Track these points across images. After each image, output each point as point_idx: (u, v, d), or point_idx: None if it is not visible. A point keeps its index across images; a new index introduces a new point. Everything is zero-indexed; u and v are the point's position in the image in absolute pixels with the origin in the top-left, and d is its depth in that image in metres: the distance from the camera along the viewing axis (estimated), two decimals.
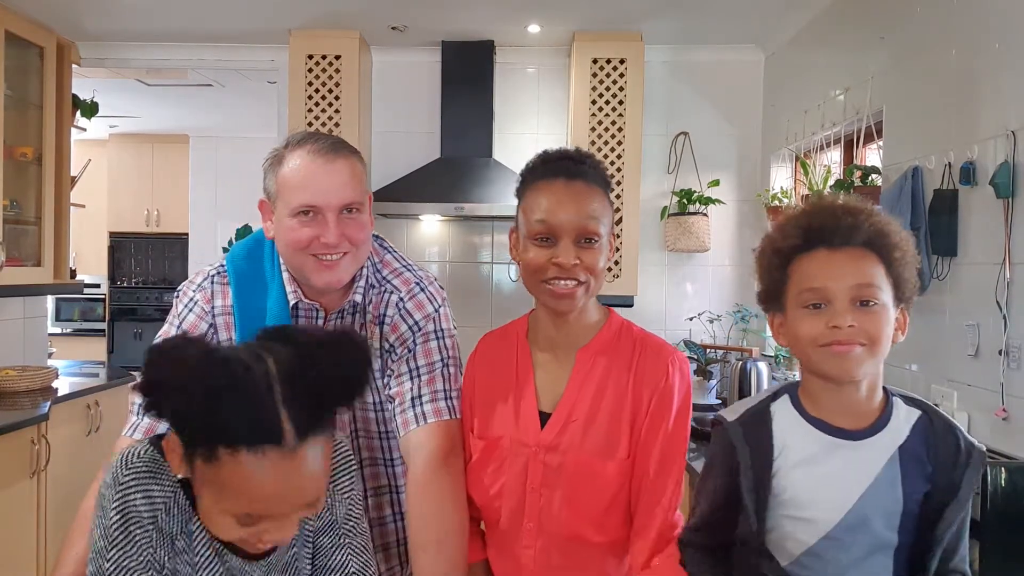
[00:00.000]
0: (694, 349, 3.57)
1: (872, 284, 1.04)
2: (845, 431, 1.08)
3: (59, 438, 3.25)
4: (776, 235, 1.13)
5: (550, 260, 1.25)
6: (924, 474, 1.07)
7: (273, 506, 0.99)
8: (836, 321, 1.03)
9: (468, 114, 3.85)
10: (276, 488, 0.97)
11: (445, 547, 1.29)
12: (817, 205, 1.12)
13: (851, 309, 1.03)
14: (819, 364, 1.07)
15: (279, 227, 1.37)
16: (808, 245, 1.08)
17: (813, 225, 1.08)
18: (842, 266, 1.05)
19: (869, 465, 1.06)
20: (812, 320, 1.05)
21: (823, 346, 1.04)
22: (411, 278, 1.47)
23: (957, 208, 2.22)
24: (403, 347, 1.42)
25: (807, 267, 1.08)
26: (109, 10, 3.50)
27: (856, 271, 1.05)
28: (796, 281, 1.09)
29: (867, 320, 1.03)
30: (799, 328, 1.07)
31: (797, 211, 1.13)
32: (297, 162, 1.34)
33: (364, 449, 1.48)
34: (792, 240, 1.09)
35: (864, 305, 1.04)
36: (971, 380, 2.17)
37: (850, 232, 1.06)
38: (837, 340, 1.03)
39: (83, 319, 6.67)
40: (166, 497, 1.05)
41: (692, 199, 3.79)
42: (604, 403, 1.29)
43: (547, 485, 1.28)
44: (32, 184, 3.61)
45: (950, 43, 2.31)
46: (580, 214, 1.23)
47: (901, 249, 1.07)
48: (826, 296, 1.05)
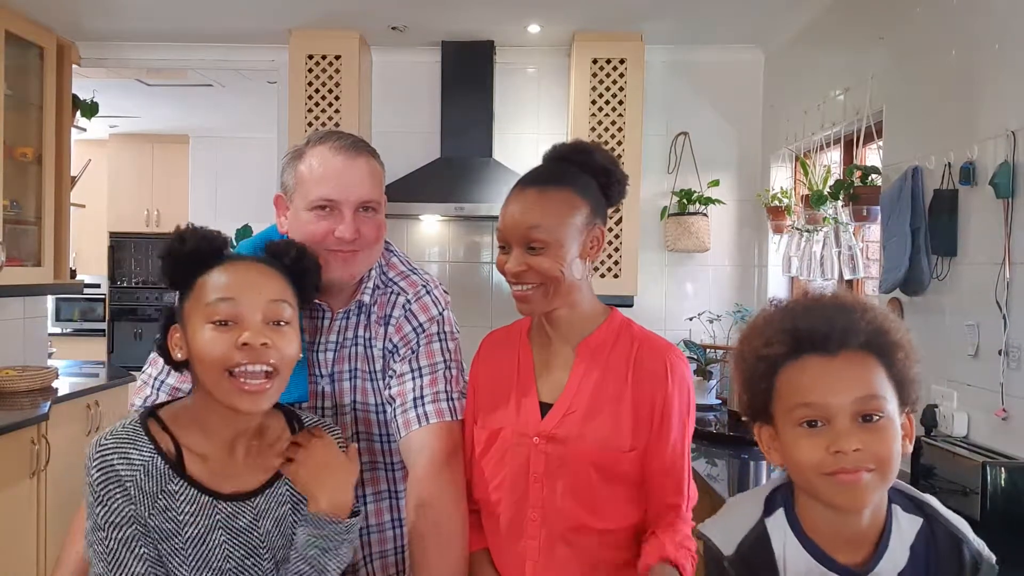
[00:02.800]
0: (694, 349, 3.57)
1: (876, 395, 0.90)
2: (843, 567, 0.95)
3: (59, 438, 3.25)
4: (757, 340, 0.97)
5: (505, 266, 1.31)
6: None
7: (242, 289, 1.15)
8: (840, 445, 0.89)
9: (468, 114, 3.85)
10: (239, 276, 1.16)
11: (446, 548, 1.29)
12: (804, 304, 0.97)
13: (855, 428, 0.89)
14: (823, 494, 0.92)
15: (295, 221, 1.38)
16: (797, 352, 0.93)
17: (801, 328, 0.93)
18: (841, 377, 0.91)
19: None
20: (811, 443, 0.91)
21: (827, 475, 0.90)
22: (417, 281, 1.48)
23: (957, 208, 2.22)
24: (406, 348, 1.43)
25: (799, 379, 0.92)
26: (109, 10, 3.50)
27: (858, 382, 0.90)
28: (786, 394, 0.93)
29: (874, 440, 0.89)
30: (797, 452, 0.92)
31: (779, 311, 0.98)
32: (318, 157, 1.36)
33: (364, 452, 1.48)
34: (778, 347, 0.94)
35: (868, 420, 0.90)
36: (971, 380, 2.17)
37: (846, 335, 0.92)
38: (843, 468, 0.89)
39: (83, 319, 6.67)
40: (144, 460, 1.14)
41: (692, 199, 3.80)
42: (605, 395, 1.31)
43: (549, 475, 1.30)
44: (32, 184, 3.61)
45: (950, 43, 2.31)
46: (521, 225, 1.28)
47: (904, 348, 0.94)
48: (825, 414, 0.90)
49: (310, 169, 1.36)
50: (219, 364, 1.13)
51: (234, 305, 1.14)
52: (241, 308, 1.14)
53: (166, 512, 1.14)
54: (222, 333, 1.13)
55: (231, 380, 1.13)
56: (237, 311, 1.14)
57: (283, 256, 1.24)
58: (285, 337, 1.17)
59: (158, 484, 1.14)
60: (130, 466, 1.14)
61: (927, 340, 2.38)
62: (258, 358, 1.13)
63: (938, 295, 2.32)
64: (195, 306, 1.16)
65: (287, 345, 1.17)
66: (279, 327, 1.17)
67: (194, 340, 1.15)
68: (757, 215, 3.81)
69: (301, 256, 1.26)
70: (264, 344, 1.13)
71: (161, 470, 1.15)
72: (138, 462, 1.14)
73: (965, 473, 1.93)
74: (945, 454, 2.04)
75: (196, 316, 1.16)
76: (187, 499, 1.15)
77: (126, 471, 1.13)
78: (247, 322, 1.14)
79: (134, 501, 1.13)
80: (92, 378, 4.01)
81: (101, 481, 1.12)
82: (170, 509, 1.15)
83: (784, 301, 1.00)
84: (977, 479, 1.87)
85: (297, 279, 1.24)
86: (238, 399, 1.14)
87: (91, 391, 3.65)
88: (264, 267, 1.21)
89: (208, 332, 1.14)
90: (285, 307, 1.18)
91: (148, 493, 1.14)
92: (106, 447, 1.14)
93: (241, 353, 1.12)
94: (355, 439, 1.47)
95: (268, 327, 1.15)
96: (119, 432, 1.17)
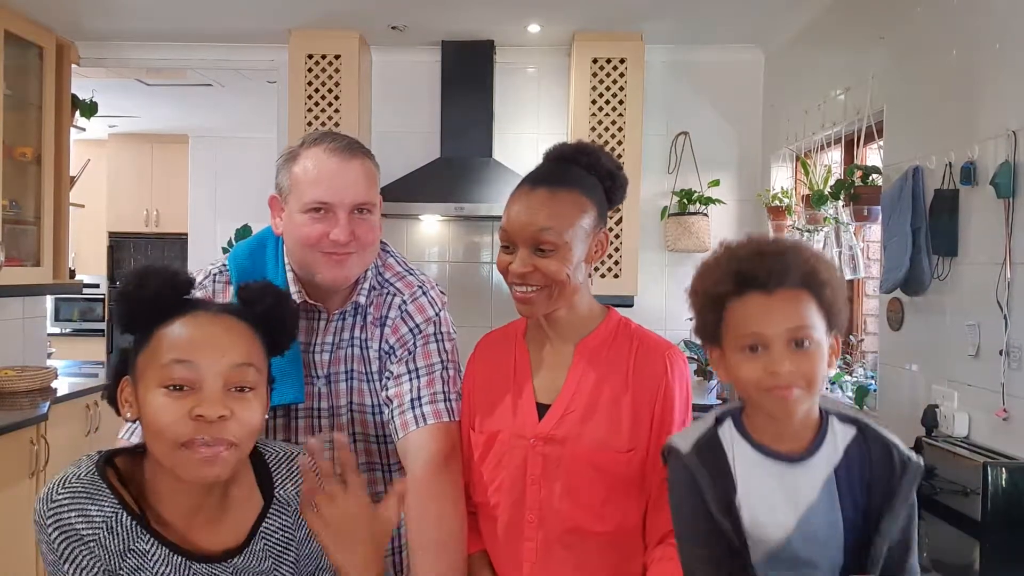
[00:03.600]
0: (694, 349, 3.57)
1: (806, 326, 1.07)
2: (783, 455, 1.11)
3: (58, 438, 3.25)
4: (708, 280, 1.13)
5: (508, 266, 1.29)
6: (860, 492, 1.10)
7: (203, 350, 1.03)
8: (774, 367, 1.06)
9: (468, 114, 3.85)
10: (201, 335, 1.04)
11: (445, 549, 1.29)
12: (748, 248, 1.12)
13: (788, 353, 1.06)
14: (761, 404, 1.10)
15: (289, 223, 1.37)
16: (741, 290, 1.09)
17: (745, 271, 1.09)
18: (777, 311, 1.07)
19: (807, 489, 1.09)
20: (751, 364, 1.08)
21: (765, 390, 1.07)
22: (414, 281, 1.48)
23: (957, 208, 2.22)
24: (403, 349, 1.42)
25: (743, 312, 1.09)
26: (109, 10, 3.50)
27: (791, 315, 1.07)
28: (732, 325, 1.10)
29: (804, 362, 1.06)
30: (739, 371, 1.10)
31: (726, 254, 1.13)
32: (312, 159, 1.35)
33: (361, 454, 1.48)
34: (724, 286, 1.10)
35: (799, 346, 1.06)
36: (971, 380, 2.17)
37: (782, 276, 1.08)
38: (776, 385, 1.06)
39: (82, 319, 6.66)
40: (106, 517, 1.03)
41: (692, 199, 3.79)
42: (602, 395, 1.30)
43: (547, 477, 1.29)
44: (31, 184, 3.61)
45: (950, 43, 2.31)
46: (531, 226, 1.26)
47: (830, 284, 1.10)
48: (764, 341, 1.07)
49: (304, 171, 1.35)
50: (169, 436, 1.00)
51: (192, 368, 1.01)
52: (199, 372, 1.01)
53: (137, 572, 1.04)
54: (175, 400, 1.01)
55: (182, 451, 1.00)
56: (194, 376, 1.01)
57: (256, 304, 1.12)
58: (248, 406, 1.04)
59: (124, 543, 1.03)
60: (89, 524, 1.02)
61: (928, 340, 2.38)
62: (215, 433, 1.00)
63: (939, 295, 2.32)
64: (149, 362, 1.03)
65: (250, 415, 1.04)
66: (242, 393, 1.04)
67: (144, 403, 1.02)
68: (757, 215, 3.80)
69: (277, 303, 1.14)
70: (222, 417, 1.00)
71: (127, 526, 1.04)
72: (99, 520, 1.02)
73: (966, 473, 1.93)
74: (946, 454, 2.04)
75: (149, 375, 1.03)
76: (159, 559, 1.05)
77: (86, 530, 1.02)
78: (205, 389, 1.01)
79: (100, 558, 1.03)
80: (91, 378, 4.01)
81: (61, 541, 1.01)
82: (142, 569, 1.04)
83: (732, 243, 1.15)
84: (978, 479, 1.86)
85: (271, 329, 1.12)
86: (193, 470, 1.01)
87: (90, 391, 3.64)
88: (231, 321, 1.07)
89: (160, 397, 1.01)
90: (250, 371, 1.05)
91: (114, 552, 1.03)
92: (59, 503, 1.01)
93: (195, 425, 1.00)
94: (351, 440, 1.47)
95: (229, 394, 1.03)
96: (73, 484, 1.03)
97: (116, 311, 1.08)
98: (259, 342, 1.10)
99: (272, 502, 1.15)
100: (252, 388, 1.06)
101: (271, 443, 1.21)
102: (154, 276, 1.06)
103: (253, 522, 1.12)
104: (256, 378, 1.07)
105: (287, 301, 1.19)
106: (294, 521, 1.15)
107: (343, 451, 1.12)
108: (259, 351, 1.09)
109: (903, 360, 2.52)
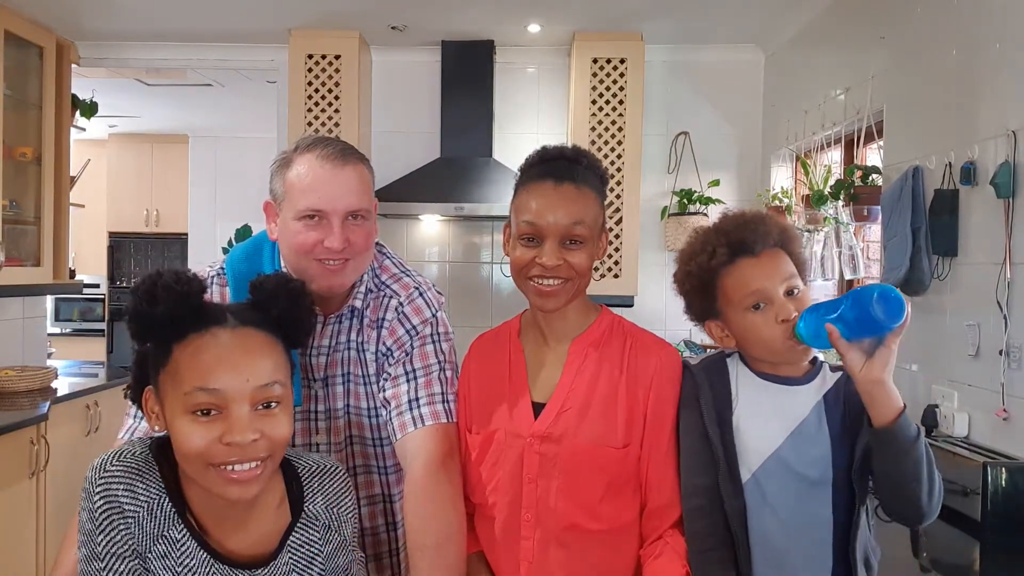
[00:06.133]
0: (694, 349, 3.57)
1: (794, 275, 1.25)
2: (781, 378, 1.27)
3: (58, 438, 3.24)
4: (702, 256, 1.28)
5: (535, 259, 1.29)
6: (844, 415, 1.24)
7: (226, 376, 1.02)
8: (783, 314, 1.21)
9: (468, 114, 3.85)
10: (222, 358, 1.03)
11: (444, 550, 1.29)
12: (729, 221, 1.29)
13: (787, 300, 1.23)
14: (782, 354, 1.24)
15: (284, 230, 1.37)
16: (733, 257, 1.26)
17: (734, 239, 1.25)
18: (768, 268, 1.24)
19: (800, 408, 1.24)
20: (762, 319, 1.23)
21: (787, 339, 1.22)
22: (410, 283, 1.47)
23: (957, 208, 2.22)
24: (400, 350, 1.42)
25: (739, 276, 1.25)
26: (109, 10, 3.50)
27: (780, 269, 1.24)
28: (732, 290, 1.25)
29: (800, 305, 1.23)
30: (756, 331, 1.24)
31: (711, 231, 1.30)
32: (306, 166, 1.34)
33: (358, 456, 1.48)
34: (720, 257, 1.26)
35: (791, 294, 1.24)
36: (972, 380, 2.17)
37: (765, 238, 1.25)
38: (791, 331, 1.21)
39: (82, 319, 6.66)
40: (150, 498, 1.05)
41: (692, 199, 3.79)
42: (597, 392, 1.31)
43: (543, 475, 1.29)
44: (31, 184, 3.61)
45: (950, 43, 2.31)
46: (566, 219, 1.27)
47: (797, 240, 1.30)
48: (765, 296, 1.23)
49: (298, 177, 1.34)
50: (201, 459, 1.01)
51: (216, 395, 1.01)
52: (225, 398, 1.01)
53: (164, 559, 1.06)
54: (204, 425, 1.01)
55: (216, 471, 1.02)
56: (220, 401, 1.01)
57: (271, 308, 1.11)
58: (277, 422, 1.05)
59: (160, 527, 1.06)
60: (134, 501, 1.04)
61: (928, 340, 2.37)
62: (247, 455, 1.01)
63: (939, 295, 2.32)
64: (171, 386, 1.03)
65: (279, 431, 1.05)
66: (269, 410, 1.04)
67: (172, 426, 1.03)
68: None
69: (292, 304, 1.13)
70: (254, 440, 1.02)
71: (167, 512, 1.06)
72: (143, 499, 1.05)
73: (966, 473, 1.93)
74: (946, 454, 2.04)
75: (173, 398, 1.03)
76: (187, 552, 1.07)
77: (130, 506, 1.04)
78: (233, 414, 1.02)
79: (135, 537, 1.05)
80: (91, 378, 4.00)
81: (104, 510, 1.03)
82: (168, 556, 1.06)
83: (711, 224, 1.32)
84: (978, 479, 1.87)
85: (288, 330, 1.12)
86: (226, 489, 1.03)
87: (90, 391, 3.64)
88: (249, 336, 1.06)
89: (187, 424, 1.01)
90: (275, 388, 1.05)
91: (149, 534, 1.05)
92: (111, 475, 1.04)
93: (227, 450, 1.01)
94: (348, 443, 1.47)
95: (256, 414, 1.03)
96: (127, 460, 1.06)
97: (128, 327, 1.07)
98: (280, 348, 1.10)
99: (301, 515, 1.16)
100: (279, 402, 1.06)
101: (305, 455, 1.21)
102: (164, 291, 1.03)
103: (281, 534, 1.13)
104: (282, 392, 1.07)
105: (302, 298, 1.18)
106: (322, 536, 1.17)
107: None
108: (282, 360, 1.09)
109: (903, 360, 2.51)
